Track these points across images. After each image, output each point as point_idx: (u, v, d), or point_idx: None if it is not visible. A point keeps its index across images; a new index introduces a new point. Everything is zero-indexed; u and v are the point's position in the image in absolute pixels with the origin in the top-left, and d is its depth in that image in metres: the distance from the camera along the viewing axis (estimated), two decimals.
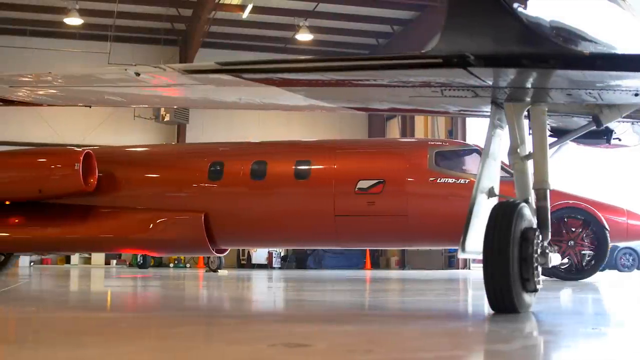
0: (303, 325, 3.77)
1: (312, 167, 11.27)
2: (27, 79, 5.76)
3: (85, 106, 7.05)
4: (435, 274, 17.18)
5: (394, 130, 29.26)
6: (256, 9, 25.41)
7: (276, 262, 26.32)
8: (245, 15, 25.65)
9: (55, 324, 3.91)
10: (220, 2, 24.59)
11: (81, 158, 11.45)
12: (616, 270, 21.58)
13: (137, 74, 4.97)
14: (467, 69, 3.98)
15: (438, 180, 10.78)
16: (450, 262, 24.49)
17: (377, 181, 10.88)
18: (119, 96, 6.07)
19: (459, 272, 19.85)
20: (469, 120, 24.00)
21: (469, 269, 23.88)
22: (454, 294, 7.86)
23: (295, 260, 26.14)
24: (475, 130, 23.65)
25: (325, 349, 2.78)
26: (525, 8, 3.87)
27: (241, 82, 4.84)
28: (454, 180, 10.71)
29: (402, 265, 25.86)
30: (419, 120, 26.65)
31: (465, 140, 23.47)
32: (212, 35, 27.94)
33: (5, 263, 14.05)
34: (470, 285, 10.47)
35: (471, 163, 11.03)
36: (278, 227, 11.25)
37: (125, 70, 4.96)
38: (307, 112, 28.64)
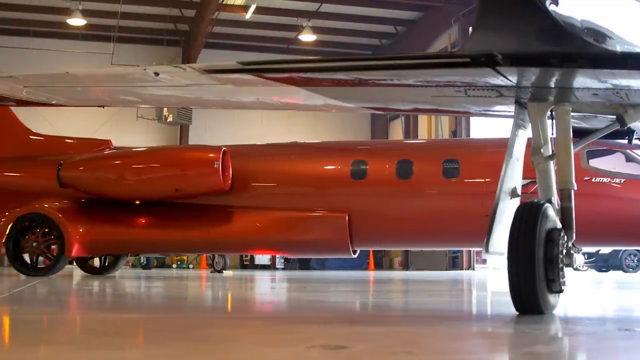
0: (335, 326, 3.74)
1: (461, 166, 10.98)
2: (42, 79, 5.72)
3: (99, 106, 7.01)
4: (440, 274, 17.14)
5: (397, 130, 29.24)
6: (259, 10, 25.39)
7: (279, 263, 26.29)
8: (248, 15, 25.62)
9: (83, 325, 3.88)
10: (224, 2, 24.56)
11: (220, 156, 11.19)
12: (621, 271, 21.59)
13: (157, 74, 4.93)
14: (495, 68, 3.96)
15: (593, 180, 10.42)
16: (454, 262, 24.47)
17: (530, 180, 10.60)
18: (136, 96, 6.03)
19: (463, 273, 19.83)
20: (472, 121, 23.99)
21: (473, 269, 23.86)
22: (469, 295, 7.84)
23: (299, 261, 26.11)
24: (479, 131, 23.64)
25: (366, 351, 2.74)
26: (556, 6, 3.84)
27: (262, 81, 4.80)
28: (608, 179, 10.36)
29: (405, 265, 25.83)
30: (423, 120, 26.64)
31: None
32: (215, 35, 27.91)
33: (115, 264, 13.79)
34: (482, 286, 10.44)
35: (619, 163, 10.67)
36: (424, 227, 10.94)
37: (145, 70, 4.92)
38: (310, 112, 28.61)
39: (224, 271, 18.10)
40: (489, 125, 22.67)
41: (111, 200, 12.01)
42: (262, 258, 26.32)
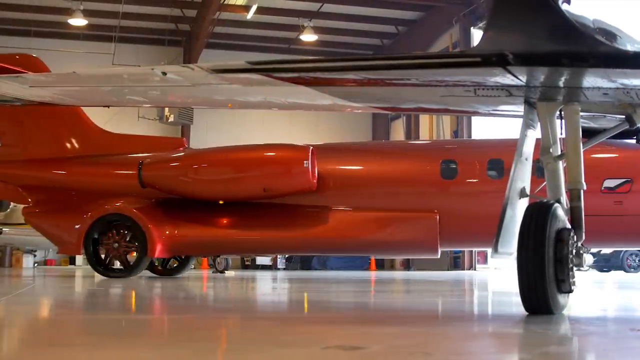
0: (347, 327, 3.73)
1: None
2: (49, 79, 5.70)
3: (104, 106, 6.99)
4: (443, 275, 17.13)
5: (398, 130, 29.22)
6: (260, 10, 25.38)
7: (281, 263, 26.28)
8: (249, 15, 25.62)
9: (96, 325, 3.86)
10: (225, 2, 24.56)
11: (310, 155, 11.00)
12: (622, 271, 21.59)
13: (164, 74, 4.91)
14: (506, 67, 3.94)
15: None
16: (456, 263, 24.46)
17: (624, 180, 10.53)
18: (143, 96, 6.02)
19: (465, 273, 19.82)
20: (474, 122, 23.98)
21: (475, 269, 23.86)
22: (476, 295, 7.83)
23: (300, 261, 26.10)
24: (481, 132, 23.64)
25: (382, 351, 2.73)
26: (569, 6, 3.83)
27: (271, 81, 4.79)
28: None
29: (406, 266, 25.81)
30: (424, 121, 26.63)
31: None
32: (216, 35, 27.91)
33: (185, 265, 13.56)
34: (487, 286, 10.43)
35: None
36: None
37: (153, 69, 4.91)
38: (311, 113, 28.60)
39: (225, 271, 18.09)
40: (490, 126, 22.69)
41: (192, 200, 11.71)
42: (264, 258, 26.30)
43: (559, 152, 4.93)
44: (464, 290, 8.91)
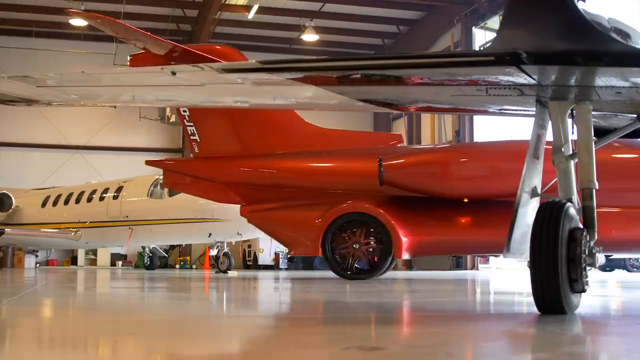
0: (364, 327, 3.71)
1: None
2: (56, 79, 5.68)
3: (111, 106, 6.98)
4: (447, 274, 17.11)
5: (400, 130, 29.22)
6: (262, 10, 25.41)
7: (283, 263, 26.29)
8: (251, 15, 25.64)
9: (105, 325, 3.85)
10: (226, 2, 24.57)
11: None
12: (625, 271, 21.59)
13: (174, 73, 4.90)
14: (520, 67, 3.93)
15: None
16: (458, 262, 24.48)
17: None
18: (151, 96, 6.00)
19: (468, 273, 19.80)
20: (476, 121, 23.99)
21: (477, 269, 23.87)
22: (485, 294, 7.82)
23: (302, 261, 26.11)
24: (483, 131, 23.65)
25: (403, 352, 2.71)
26: (584, 4, 3.82)
27: (281, 81, 4.77)
28: None
29: (408, 265, 25.81)
30: (426, 120, 26.64)
31: (472, 141, 23.32)
32: (218, 35, 27.92)
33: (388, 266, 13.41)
34: (494, 286, 10.42)
35: None
36: None
37: (162, 69, 4.89)
38: (311, 113, 28.57)
39: (229, 271, 18.09)
40: (492, 126, 22.69)
41: (430, 198, 11.13)
42: (266, 258, 26.33)
43: (571, 152, 4.91)
44: (472, 290, 8.89)
